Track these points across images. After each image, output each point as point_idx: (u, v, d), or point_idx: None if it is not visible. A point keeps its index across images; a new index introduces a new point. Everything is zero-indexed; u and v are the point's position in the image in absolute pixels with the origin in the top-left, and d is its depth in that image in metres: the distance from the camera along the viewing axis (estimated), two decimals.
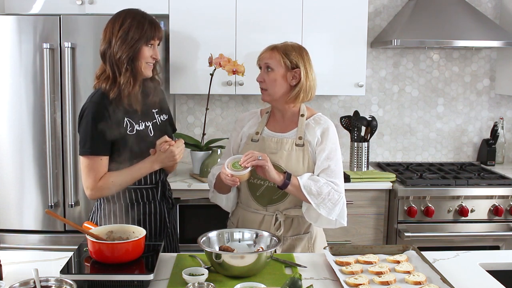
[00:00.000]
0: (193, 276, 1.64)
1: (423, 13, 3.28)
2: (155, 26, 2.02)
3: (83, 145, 1.97)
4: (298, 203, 2.05)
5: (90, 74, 2.85)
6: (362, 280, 1.63)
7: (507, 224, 3.09)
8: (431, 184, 3.09)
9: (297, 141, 2.04)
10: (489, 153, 3.64)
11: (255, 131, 2.12)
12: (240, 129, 2.18)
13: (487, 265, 1.85)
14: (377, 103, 3.70)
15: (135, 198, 2.07)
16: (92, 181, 1.97)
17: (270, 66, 2.04)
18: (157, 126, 2.12)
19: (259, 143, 2.08)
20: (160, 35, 2.04)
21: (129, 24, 1.97)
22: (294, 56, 2.03)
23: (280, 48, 2.04)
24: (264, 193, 2.06)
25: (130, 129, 2.01)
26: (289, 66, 2.02)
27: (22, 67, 2.85)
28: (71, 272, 1.62)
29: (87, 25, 2.83)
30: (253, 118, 2.19)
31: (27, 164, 2.91)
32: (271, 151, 2.04)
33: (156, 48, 2.04)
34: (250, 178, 2.03)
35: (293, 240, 2.08)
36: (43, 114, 2.85)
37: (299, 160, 2.02)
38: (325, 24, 3.23)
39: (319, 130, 2.05)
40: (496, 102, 3.76)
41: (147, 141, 2.05)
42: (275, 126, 2.12)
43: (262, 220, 2.08)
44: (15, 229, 2.95)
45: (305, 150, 2.03)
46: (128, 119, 2.01)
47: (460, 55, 3.71)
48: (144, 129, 2.06)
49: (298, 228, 2.09)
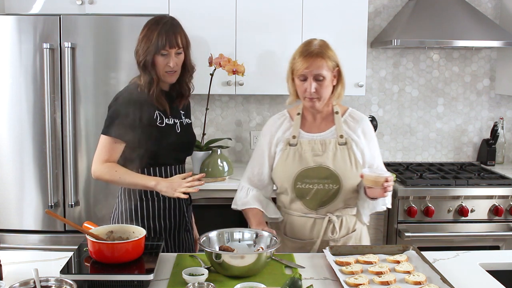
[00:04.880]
0: (193, 276, 1.64)
1: (423, 13, 3.28)
2: (167, 35, 2.05)
3: (108, 125, 2.06)
4: (348, 202, 2.03)
5: (90, 74, 2.85)
6: (362, 280, 1.63)
7: (507, 224, 3.09)
8: (431, 184, 3.09)
9: (340, 140, 2.02)
10: (489, 153, 3.64)
11: (291, 135, 2.06)
12: (272, 135, 2.11)
13: (487, 265, 1.85)
14: (377, 103, 3.70)
15: (155, 193, 2.11)
16: (100, 158, 2.05)
17: (322, 75, 1.95)
18: (183, 126, 2.21)
19: (298, 147, 2.04)
20: (174, 44, 2.05)
21: (144, 33, 2.09)
22: (333, 56, 1.98)
23: (323, 53, 1.95)
24: (314, 197, 2.01)
25: (160, 121, 2.10)
26: (332, 68, 1.98)
27: (22, 67, 2.85)
28: (71, 272, 1.62)
29: (87, 25, 2.83)
30: (284, 122, 2.11)
31: (27, 164, 2.91)
32: (315, 153, 2.01)
33: (172, 57, 2.06)
34: (297, 184, 2.01)
35: (343, 241, 2.05)
36: (43, 114, 2.85)
37: (345, 159, 2.00)
38: (325, 24, 3.23)
39: (359, 127, 2.05)
40: (496, 102, 3.76)
41: (174, 136, 2.15)
42: (311, 127, 2.08)
43: (313, 223, 2.04)
44: (15, 229, 2.95)
45: (349, 148, 2.01)
46: (158, 112, 2.11)
47: (460, 55, 3.71)
48: (172, 124, 2.16)
49: (347, 227, 2.06)
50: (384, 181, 1.82)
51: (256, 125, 3.69)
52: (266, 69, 3.26)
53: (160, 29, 2.05)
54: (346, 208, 2.04)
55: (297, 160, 2.02)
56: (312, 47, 1.96)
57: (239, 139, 3.69)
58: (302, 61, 1.95)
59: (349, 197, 2.03)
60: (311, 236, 2.05)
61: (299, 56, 1.97)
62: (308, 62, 1.94)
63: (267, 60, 3.25)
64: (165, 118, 2.12)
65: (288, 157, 2.04)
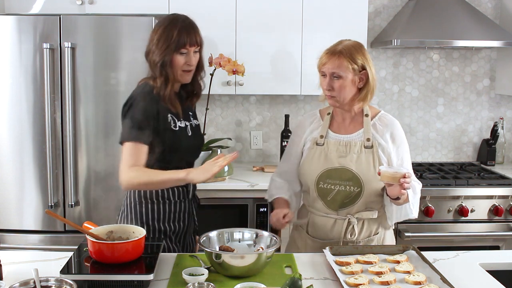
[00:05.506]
0: (193, 276, 1.64)
1: (423, 13, 3.28)
2: (187, 33, 2.01)
3: (129, 131, 1.97)
4: (369, 205, 2.02)
5: (90, 74, 2.85)
6: (362, 280, 1.63)
7: (507, 224, 3.09)
8: (431, 184, 3.09)
9: (366, 143, 2.01)
10: (489, 153, 3.64)
11: (319, 134, 2.08)
12: (302, 133, 2.14)
13: (487, 265, 1.85)
14: (377, 103, 3.70)
15: (167, 196, 2.09)
16: (128, 167, 1.96)
17: (339, 74, 1.97)
18: (193, 129, 2.16)
19: (325, 147, 2.05)
20: (194, 42, 2.03)
21: (161, 32, 2.02)
22: (360, 59, 1.98)
23: (345, 53, 1.96)
24: (335, 197, 2.01)
25: (173, 125, 2.06)
26: (356, 70, 1.98)
27: (22, 67, 2.84)
28: (71, 272, 1.62)
29: (87, 25, 2.83)
30: (314, 121, 2.14)
31: (27, 164, 2.91)
32: (340, 154, 2.01)
33: (191, 55, 2.04)
34: (320, 183, 2.02)
35: (365, 243, 2.04)
36: (43, 114, 2.85)
37: (369, 162, 1.99)
38: (325, 24, 3.23)
39: (387, 132, 2.03)
40: (496, 102, 3.76)
41: (186, 140, 2.10)
42: (339, 128, 2.08)
43: (334, 224, 2.04)
44: (15, 229, 2.95)
45: (375, 152, 2.00)
46: (171, 115, 2.06)
47: (460, 55, 3.71)
48: (184, 127, 2.11)
49: (369, 230, 2.05)
50: (401, 177, 1.80)
51: (256, 125, 3.69)
52: (266, 69, 3.26)
53: (179, 27, 2.01)
54: (368, 211, 2.03)
55: (322, 160, 2.04)
56: (338, 46, 2.00)
57: (239, 139, 3.69)
58: (324, 58, 2.00)
59: (371, 200, 2.01)
60: (332, 237, 2.05)
61: (325, 52, 2.02)
62: (328, 59, 1.98)
63: (267, 60, 3.25)
64: (177, 121, 2.08)
65: (314, 156, 2.06)
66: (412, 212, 2.00)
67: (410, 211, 1.99)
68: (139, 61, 2.83)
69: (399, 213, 2.01)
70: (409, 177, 1.81)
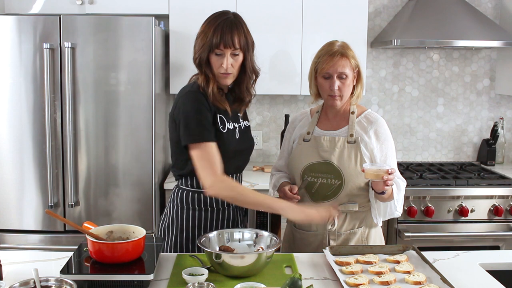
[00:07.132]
0: (193, 276, 1.64)
1: (423, 13, 3.28)
2: (222, 33, 1.89)
3: (190, 133, 1.88)
4: (352, 198, 2.06)
5: (90, 74, 2.85)
6: (362, 280, 1.63)
7: (507, 224, 3.09)
8: (431, 184, 3.09)
9: (349, 138, 2.06)
10: (489, 153, 3.64)
11: (306, 131, 2.15)
12: (292, 130, 2.23)
13: (487, 265, 1.85)
14: (377, 103, 3.70)
15: (209, 203, 2.02)
16: (211, 170, 1.85)
17: (345, 74, 2.02)
18: (241, 130, 2.07)
19: (311, 143, 2.11)
20: (229, 43, 1.89)
21: (203, 28, 1.95)
22: (354, 57, 2.05)
23: (346, 53, 2.03)
24: (318, 190, 2.07)
25: (222, 126, 1.96)
26: (354, 68, 2.05)
27: (22, 67, 2.84)
28: (71, 272, 1.61)
29: (87, 25, 2.83)
30: (303, 119, 2.22)
31: (27, 164, 2.91)
32: (324, 149, 2.07)
33: (226, 58, 1.90)
34: (304, 177, 2.07)
35: (347, 235, 2.08)
36: (43, 114, 2.85)
37: (351, 157, 2.04)
38: (325, 24, 3.23)
39: (371, 129, 2.07)
40: (496, 102, 3.76)
41: (233, 142, 2.00)
42: (327, 125, 2.14)
43: None
44: (15, 229, 2.95)
45: (357, 147, 2.04)
46: (220, 116, 1.96)
47: (460, 55, 3.71)
48: (232, 129, 2.01)
49: (352, 223, 2.09)
50: (384, 174, 1.85)
51: (256, 125, 3.69)
52: (266, 69, 3.26)
53: (217, 25, 1.90)
54: (350, 203, 2.07)
55: (308, 154, 2.10)
56: (335, 47, 2.05)
57: None
58: (327, 60, 2.02)
59: (354, 193, 2.06)
60: (314, 228, 2.11)
61: (324, 55, 2.04)
62: (333, 61, 2.01)
63: (267, 60, 3.25)
64: (226, 122, 1.97)
65: (301, 151, 2.12)
66: (397, 208, 2.06)
67: (394, 208, 2.05)
68: (139, 61, 2.85)
69: (384, 210, 2.07)
70: (392, 173, 1.87)
